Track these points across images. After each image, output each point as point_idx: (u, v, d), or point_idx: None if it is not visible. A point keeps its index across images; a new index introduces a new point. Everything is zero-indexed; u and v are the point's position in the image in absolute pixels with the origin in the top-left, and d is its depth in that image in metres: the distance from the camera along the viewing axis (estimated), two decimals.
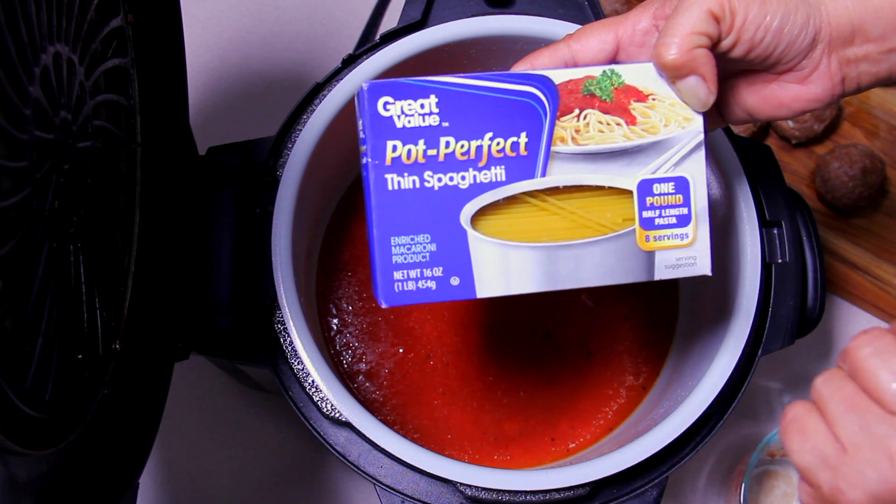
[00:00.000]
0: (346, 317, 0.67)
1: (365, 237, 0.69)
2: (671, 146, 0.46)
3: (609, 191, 0.45)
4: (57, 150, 0.43)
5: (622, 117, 0.45)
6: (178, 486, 0.71)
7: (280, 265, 0.57)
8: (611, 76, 0.45)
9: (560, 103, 0.44)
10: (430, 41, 0.60)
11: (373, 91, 0.43)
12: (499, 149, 0.44)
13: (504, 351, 0.67)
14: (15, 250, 0.39)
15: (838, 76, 0.46)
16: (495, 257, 0.45)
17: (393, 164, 0.44)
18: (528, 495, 0.54)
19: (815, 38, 0.44)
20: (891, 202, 0.76)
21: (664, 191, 0.46)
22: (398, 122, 0.43)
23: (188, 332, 0.58)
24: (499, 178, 0.44)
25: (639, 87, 0.45)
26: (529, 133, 0.44)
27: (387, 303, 0.44)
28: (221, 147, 0.61)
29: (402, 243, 0.44)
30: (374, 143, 0.44)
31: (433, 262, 0.44)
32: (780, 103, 0.47)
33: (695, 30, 0.43)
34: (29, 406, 0.41)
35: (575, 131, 0.45)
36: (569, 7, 0.62)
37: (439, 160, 0.44)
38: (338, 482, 0.71)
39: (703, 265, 0.47)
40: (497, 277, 0.45)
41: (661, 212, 0.46)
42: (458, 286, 0.45)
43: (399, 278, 0.44)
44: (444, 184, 0.44)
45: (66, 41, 0.44)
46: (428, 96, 0.44)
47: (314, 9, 0.83)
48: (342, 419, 0.55)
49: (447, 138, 0.44)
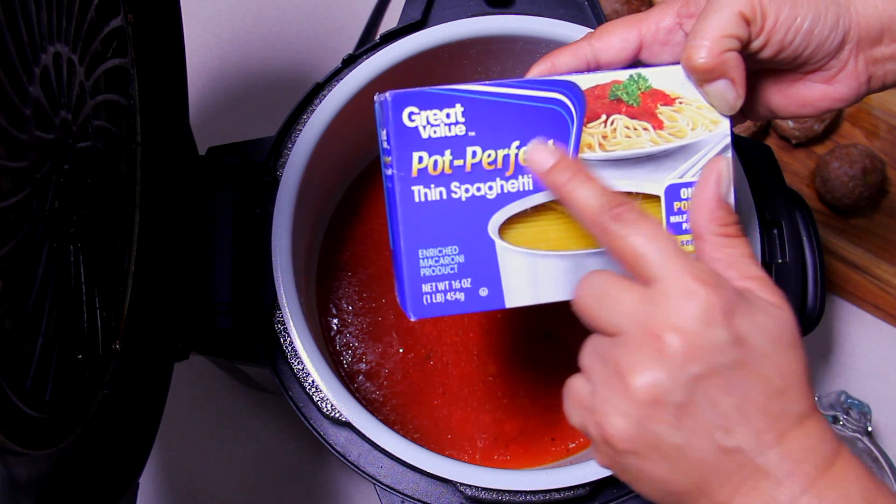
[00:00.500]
0: (346, 317, 0.67)
1: (364, 237, 0.69)
2: (698, 150, 0.45)
3: (635, 196, 0.45)
4: (57, 150, 0.43)
5: (649, 122, 0.44)
6: (178, 486, 0.71)
7: (280, 265, 0.57)
8: (637, 80, 0.44)
9: (587, 109, 0.44)
10: (430, 41, 0.60)
11: (397, 101, 0.42)
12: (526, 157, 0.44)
13: (504, 351, 0.67)
14: (15, 250, 0.39)
15: (864, 75, 0.45)
16: (523, 267, 0.44)
17: (419, 176, 0.43)
18: (528, 495, 0.54)
19: (844, 38, 0.44)
20: (891, 202, 0.76)
21: (692, 195, 0.45)
22: (423, 132, 0.43)
23: (188, 332, 0.58)
24: (526, 188, 0.44)
25: (665, 90, 0.44)
26: (557, 140, 0.43)
27: (416, 316, 0.44)
28: (221, 147, 0.61)
29: (430, 255, 0.43)
30: (399, 154, 0.43)
31: (461, 274, 0.44)
32: (804, 102, 0.46)
33: (725, 33, 0.42)
34: (29, 406, 0.41)
35: (602, 137, 0.44)
36: (569, 7, 0.62)
37: (466, 170, 0.43)
38: (338, 482, 0.71)
39: None
40: (525, 287, 0.44)
41: (689, 216, 0.46)
42: (486, 297, 0.44)
43: (428, 291, 0.44)
44: (472, 194, 0.43)
45: (66, 41, 0.44)
46: (453, 105, 0.43)
47: (314, 9, 0.83)
48: (342, 419, 0.55)
49: (474, 148, 0.43)
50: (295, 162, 0.59)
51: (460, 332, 0.67)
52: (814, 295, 0.61)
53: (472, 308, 0.44)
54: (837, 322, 0.75)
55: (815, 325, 0.61)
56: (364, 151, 0.70)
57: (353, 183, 0.70)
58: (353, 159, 0.69)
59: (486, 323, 0.67)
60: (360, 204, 0.70)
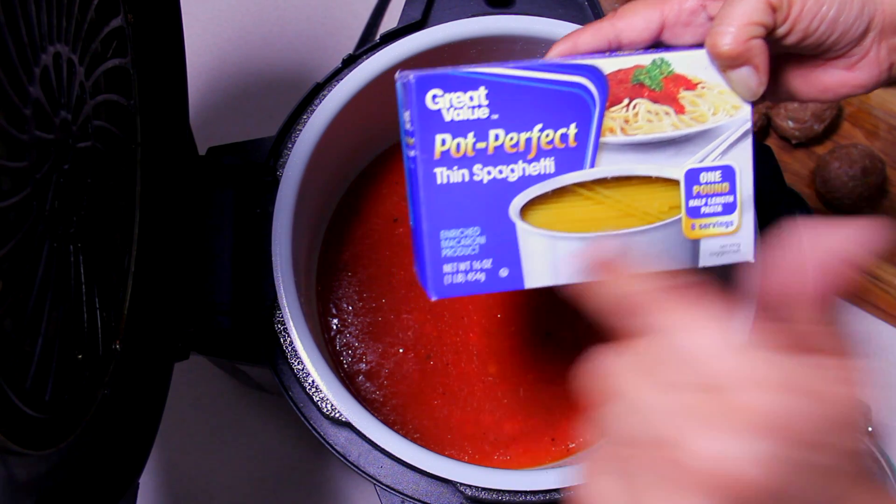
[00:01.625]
0: (346, 317, 0.67)
1: (364, 237, 0.69)
2: (719, 135, 0.45)
3: (655, 180, 0.45)
4: (57, 150, 0.43)
5: (671, 106, 0.45)
6: (178, 486, 0.71)
7: (280, 265, 0.57)
8: (660, 65, 0.44)
9: (609, 94, 0.44)
10: (430, 41, 0.60)
11: (421, 83, 0.43)
12: (548, 140, 0.44)
13: (504, 351, 0.67)
14: (15, 250, 0.39)
15: (886, 63, 0.45)
16: (544, 249, 0.44)
17: (442, 158, 0.43)
18: (528, 495, 0.54)
19: (868, 26, 0.44)
20: (891, 202, 0.76)
21: (711, 179, 0.46)
22: (447, 115, 0.43)
23: (188, 332, 0.58)
24: (548, 171, 0.44)
25: (688, 75, 0.45)
26: (579, 124, 0.44)
27: (437, 295, 0.44)
28: (221, 147, 0.61)
29: (451, 236, 0.44)
30: (422, 136, 0.43)
31: (482, 255, 0.44)
32: (824, 88, 0.47)
33: (751, 20, 0.42)
34: (29, 406, 0.40)
35: (624, 121, 0.44)
36: (569, 7, 0.62)
37: (488, 153, 0.43)
38: (338, 482, 0.71)
39: (746, 252, 0.47)
40: (545, 268, 0.45)
41: (708, 200, 0.46)
42: (506, 277, 0.44)
43: (448, 271, 0.44)
44: (493, 177, 0.43)
45: (66, 41, 0.44)
46: (477, 88, 0.43)
47: (314, 9, 0.83)
48: (342, 419, 0.55)
49: (496, 131, 0.43)
50: (295, 162, 0.59)
51: (460, 332, 0.67)
52: None
53: (491, 288, 0.44)
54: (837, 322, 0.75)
55: None
56: (364, 151, 0.70)
57: (354, 183, 0.70)
58: (354, 159, 0.69)
59: (486, 323, 0.67)
60: (360, 204, 0.70)
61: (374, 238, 0.69)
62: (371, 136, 0.69)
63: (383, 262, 0.68)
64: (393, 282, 0.68)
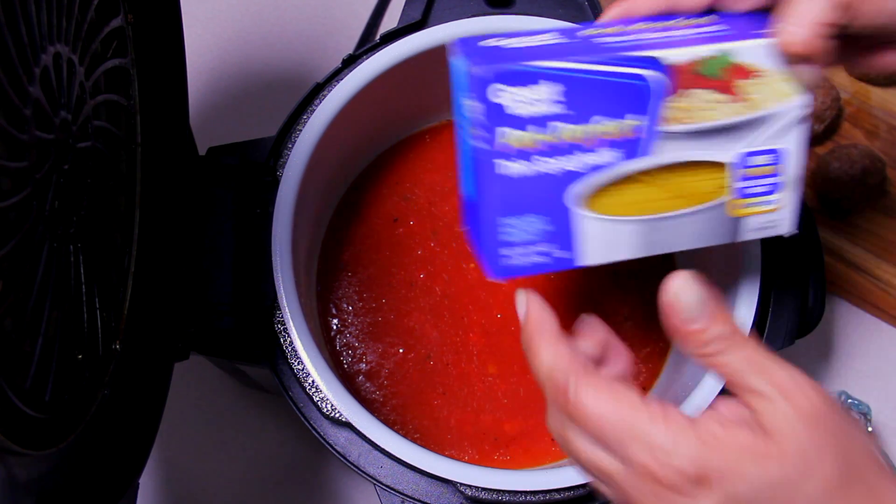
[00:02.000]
0: (346, 317, 0.67)
1: (364, 237, 0.69)
2: (771, 120, 0.46)
3: (707, 163, 0.46)
4: (57, 151, 0.43)
5: (727, 94, 0.45)
6: (178, 486, 0.71)
7: (280, 265, 0.57)
8: (720, 57, 0.45)
9: (668, 84, 0.44)
10: (431, 41, 0.60)
11: (484, 77, 0.43)
12: (607, 131, 0.44)
13: (504, 351, 0.67)
14: (15, 250, 0.39)
15: None
16: (600, 232, 0.46)
17: (501, 150, 0.44)
18: (528, 495, 0.54)
19: None
20: (891, 202, 0.76)
21: (761, 162, 0.46)
22: (508, 108, 0.43)
23: (188, 332, 0.58)
24: (606, 161, 0.45)
25: (745, 64, 0.45)
26: (638, 114, 0.44)
27: (496, 275, 0.46)
28: (221, 147, 0.61)
29: (508, 223, 0.45)
30: (483, 129, 0.43)
31: (538, 241, 0.46)
32: (871, 65, 0.48)
33: (821, 20, 0.43)
34: (29, 406, 0.41)
35: (681, 111, 0.45)
36: (569, 7, 0.62)
37: (547, 145, 0.44)
38: (338, 482, 0.71)
39: (785, 225, 0.48)
40: (599, 249, 0.46)
41: (756, 182, 0.47)
42: (562, 258, 0.46)
43: (505, 254, 0.46)
44: (551, 167, 0.44)
45: (66, 41, 0.44)
46: (538, 82, 0.43)
47: (314, 9, 0.83)
48: (342, 419, 0.55)
49: (556, 123, 0.44)
50: (295, 162, 0.59)
51: (460, 332, 0.67)
52: (814, 295, 0.61)
53: (547, 269, 0.46)
54: (837, 322, 0.75)
55: (815, 325, 0.61)
56: (364, 151, 0.70)
57: (354, 183, 0.70)
58: (354, 159, 0.69)
59: (486, 323, 0.67)
60: (360, 204, 0.70)
61: (375, 238, 0.69)
62: (371, 136, 0.69)
63: (383, 262, 0.68)
64: (393, 282, 0.68)
